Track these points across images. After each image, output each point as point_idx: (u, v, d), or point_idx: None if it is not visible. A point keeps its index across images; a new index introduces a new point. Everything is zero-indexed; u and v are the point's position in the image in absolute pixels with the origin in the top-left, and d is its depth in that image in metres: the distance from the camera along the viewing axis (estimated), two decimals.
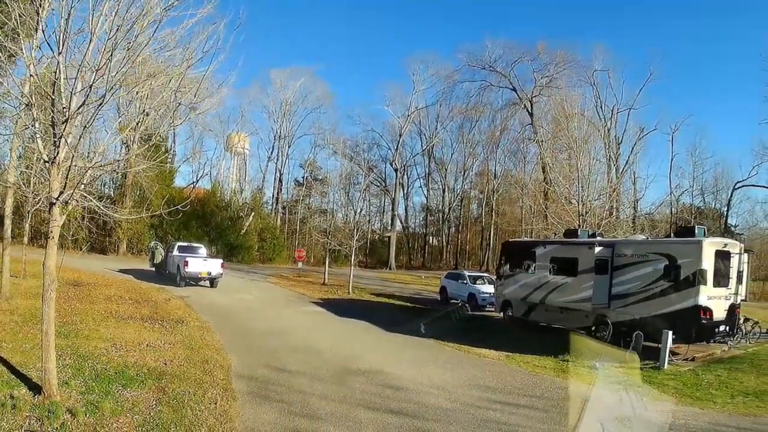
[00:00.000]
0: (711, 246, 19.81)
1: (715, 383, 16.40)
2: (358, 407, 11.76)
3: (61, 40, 9.59)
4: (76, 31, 10.01)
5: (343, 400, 12.15)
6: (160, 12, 10.15)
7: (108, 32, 9.76)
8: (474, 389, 14.35)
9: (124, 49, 9.95)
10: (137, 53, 10.05)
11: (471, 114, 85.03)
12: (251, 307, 28.00)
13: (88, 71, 9.70)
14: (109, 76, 9.78)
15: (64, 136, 9.60)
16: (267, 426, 10.28)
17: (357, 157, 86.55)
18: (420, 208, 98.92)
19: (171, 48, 11.16)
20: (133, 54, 9.98)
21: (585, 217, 35.79)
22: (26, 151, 20.89)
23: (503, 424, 11.40)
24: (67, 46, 9.77)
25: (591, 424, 8.06)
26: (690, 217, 69.38)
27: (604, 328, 21.94)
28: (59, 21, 9.63)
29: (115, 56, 9.71)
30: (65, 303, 19.27)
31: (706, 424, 12.26)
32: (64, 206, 10.15)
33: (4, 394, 10.07)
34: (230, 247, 63.67)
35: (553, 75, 74.76)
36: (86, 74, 9.71)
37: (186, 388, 11.79)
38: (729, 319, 20.35)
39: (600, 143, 55.98)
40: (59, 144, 9.67)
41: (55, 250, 10.45)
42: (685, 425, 11.94)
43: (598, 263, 22.12)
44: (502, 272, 28.36)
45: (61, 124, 9.61)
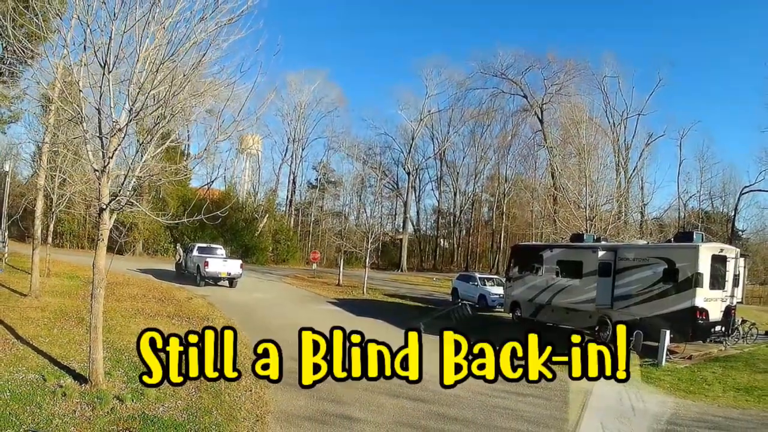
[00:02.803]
0: (707, 251, 20.64)
1: (710, 379, 17.30)
2: (379, 394, 12.67)
3: (110, 60, 10.48)
4: (126, 54, 10.98)
5: (366, 389, 12.91)
6: (202, 36, 11.19)
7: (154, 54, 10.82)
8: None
9: (167, 69, 10.97)
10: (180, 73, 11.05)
11: (483, 119, 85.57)
12: (271, 306, 28.90)
13: (134, 88, 10.70)
14: (155, 93, 10.85)
15: (112, 148, 10.63)
16: (299, 409, 11.35)
17: (370, 160, 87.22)
18: (431, 211, 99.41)
19: (209, 67, 12.25)
20: (176, 74, 10.99)
21: (592, 222, 36.35)
22: (55, 156, 21.89)
23: (509, 409, 12.44)
24: (116, 65, 10.73)
25: (592, 414, 9.07)
26: (698, 222, 69.69)
27: (607, 327, 22.66)
28: (108, 41, 10.54)
29: (158, 76, 10.75)
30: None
31: (695, 414, 13.17)
32: (113, 211, 11.20)
33: (52, 383, 11.03)
34: (245, 248, 64.28)
35: (563, 83, 75.36)
36: (133, 91, 10.72)
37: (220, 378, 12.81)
38: (725, 320, 21.21)
39: (609, 149, 56.61)
40: (108, 155, 10.68)
41: (104, 251, 11.47)
42: (675, 414, 12.87)
43: (602, 266, 22.84)
44: (511, 274, 29.20)
45: (111, 137, 10.64)
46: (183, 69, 11.12)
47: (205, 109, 14.54)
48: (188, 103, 12.23)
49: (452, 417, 11.70)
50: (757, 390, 16.12)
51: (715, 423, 12.68)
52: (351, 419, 11.15)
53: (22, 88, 25.35)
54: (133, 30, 10.55)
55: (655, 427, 11.96)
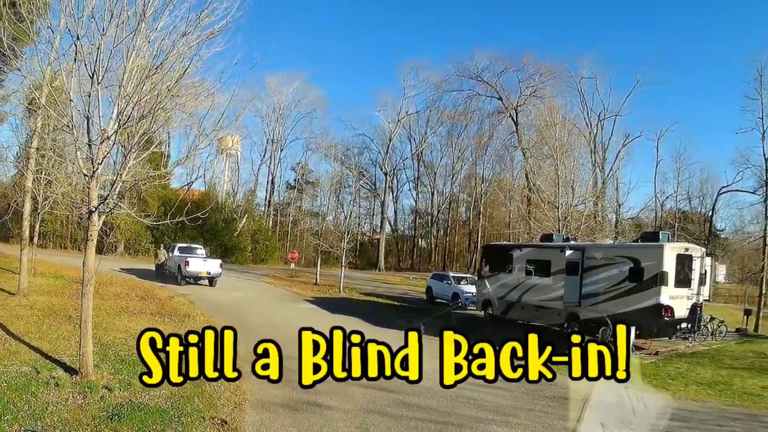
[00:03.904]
0: (672, 250, 21.42)
1: (673, 374, 17.92)
2: (351, 385, 13.29)
3: (99, 71, 11.24)
4: (114, 66, 11.75)
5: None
6: (185, 49, 12.00)
7: (140, 66, 11.60)
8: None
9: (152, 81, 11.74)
10: (164, 84, 11.86)
11: (460, 120, 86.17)
12: (250, 304, 29.62)
13: (122, 99, 11.47)
14: (142, 103, 11.62)
15: (101, 155, 11.40)
16: (274, 398, 12.16)
17: (348, 161, 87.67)
18: (409, 211, 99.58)
19: (190, 77, 13.04)
20: (162, 85, 11.79)
21: (565, 222, 37.02)
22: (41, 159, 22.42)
23: (473, 399, 13.17)
24: (106, 79, 11.50)
25: (554, 403, 9.81)
26: (674, 222, 70.42)
27: (575, 324, 23.36)
28: (97, 53, 11.31)
29: (145, 86, 11.53)
30: (78, 299, 20.66)
31: (653, 405, 13.68)
32: (101, 213, 11.95)
33: (45, 375, 11.75)
34: (224, 248, 64.59)
35: (537, 85, 76.20)
36: (121, 102, 11.49)
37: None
38: (691, 317, 21.83)
39: (585, 149, 57.44)
40: (97, 161, 11.44)
41: (93, 251, 12.24)
42: (635, 407, 13.57)
43: (569, 265, 23.64)
44: (483, 273, 30.00)
45: (99, 144, 11.40)
46: (168, 80, 11.90)
47: (186, 113, 15.22)
48: (172, 112, 13.00)
49: (417, 405, 12.49)
50: (719, 385, 16.77)
51: (673, 414, 13.01)
52: (322, 407, 11.92)
53: (7, 90, 25.86)
54: (121, 44, 11.34)
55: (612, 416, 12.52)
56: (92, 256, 12.15)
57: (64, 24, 12.35)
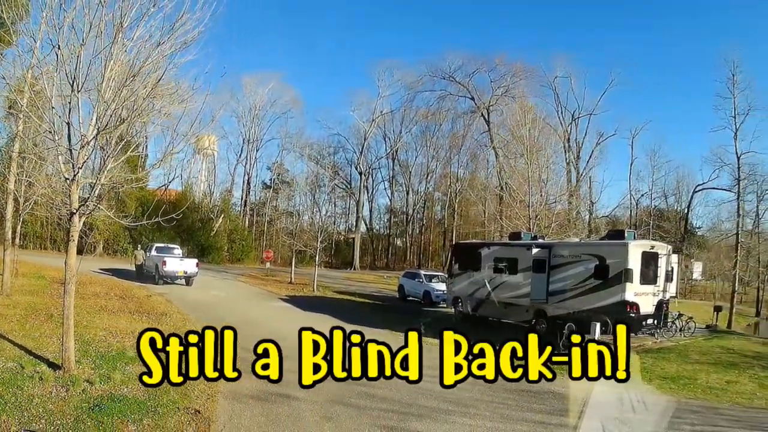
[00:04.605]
0: (637, 248, 21.85)
1: (638, 369, 17.70)
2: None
3: (79, 79, 11.78)
4: (92, 74, 12.28)
5: None
6: (159, 58, 12.61)
7: (118, 74, 12.17)
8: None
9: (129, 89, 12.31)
10: (141, 89, 12.45)
11: (434, 119, 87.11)
12: (225, 303, 30.23)
13: (101, 106, 12.03)
14: (120, 110, 12.19)
15: (81, 159, 11.96)
16: (245, 390, 12.74)
17: (323, 161, 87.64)
18: (385, 210, 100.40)
19: (165, 84, 13.64)
20: (138, 92, 12.38)
21: (536, 221, 37.41)
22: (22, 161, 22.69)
23: (435, 392, 13.52)
24: (85, 85, 12.03)
25: (521, 397, 10.20)
26: (649, 220, 71.25)
27: (543, 321, 23.93)
28: (77, 63, 11.85)
29: (122, 93, 12.10)
30: (59, 299, 20.89)
31: (612, 398, 13.64)
32: (82, 215, 12.52)
33: (29, 370, 12.25)
34: (201, 247, 64.83)
35: (509, 85, 77.14)
36: (100, 109, 12.06)
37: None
38: (657, 313, 22.33)
39: (559, 148, 58.07)
40: (78, 165, 11.99)
41: (75, 250, 12.79)
42: (595, 400, 14.08)
43: (536, 263, 24.12)
44: (453, 271, 30.54)
45: (80, 149, 11.95)
46: (144, 87, 12.48)
47: (162, 116, 15.71)
48: (148, 117, 13.58)
49: (381, 397, 13.13)
50: (683, 379, 17.15)
51: (631, 406, 13.11)
52: (290, 397, 12.47)
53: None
54: (100, 54, 11.92)
55: (570, 408, 12.95)
56: (73, 255, 12.68)
57: (46, 32, 12.80)
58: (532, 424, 12.00)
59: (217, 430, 10.43)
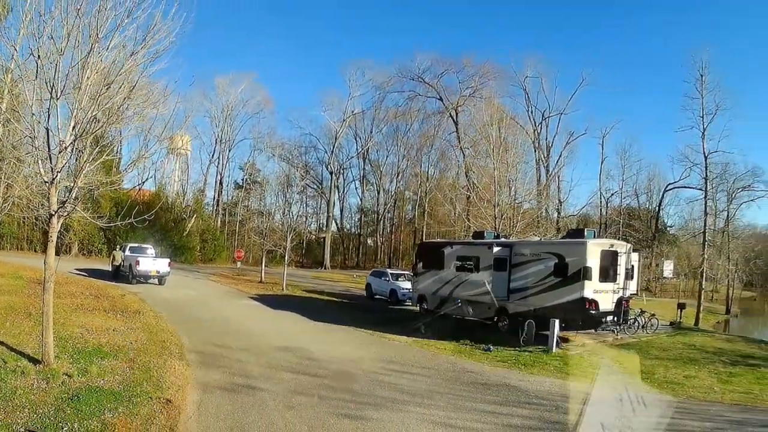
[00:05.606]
0: (596, 246, 22.26)
1: (596, 364, 18.41)
2: (283, 371, 15.20)
3: (57, 87, 12.41)
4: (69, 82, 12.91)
5: (271, 367, 15.57)
6: (135, 67, 13.31)
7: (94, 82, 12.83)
8: (377, 362, 17.51)
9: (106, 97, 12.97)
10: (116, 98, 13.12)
11: (404, 119, 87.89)
12: (196, 301, 30.93)
13: (78, 113, 12.68)
14: (96, 115, 12.85)
15: (60, 163, 12.60)
16: (213, 381, 13.64)
17: (294, 160, 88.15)
18: (356, 209, 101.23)
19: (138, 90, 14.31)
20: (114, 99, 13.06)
21: (502, 220, 37.80)
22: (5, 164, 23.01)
23: (392, 384, 14.77)
24: (63, 93, 12.65)
25: (474, 389, 10.76)
26: (619, 218, 72.19)
27: (504, 318, 24.63)
28: (55, 73, 12.47)
29: (98, 100, 12.76)
30: (36, 298, 21.71)
31: (571, 390, 14.63)
32: (60, 216, 13.16)
33: (11, 365, 12.87)
34: (174, 247, 64.81)
35: (477, 86, 77.86)
36: (78, 115, 12.71)
37: (150, 359, 14.88)
38: (617, 310, 22.71)
39: (528, 148, 58.58)
40: (57, 169, 12.63)
41: (53, 250, 13.39)
42: (548, 391, 14.70)
43: (497, 261, 24.69)
44: (417, 270, 31.14)
45: (58, 154, 12.60)
46: (119, 94, 13.14)
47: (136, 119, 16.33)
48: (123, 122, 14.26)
49: (341, 388, 13.93)
50: (641, 374, 17.24)
51: (584, 399, 13.14)
52: (255, 389, 13.32)
53: None
54: (77, 64, 12.57)
55: (522, 399, 13.82)
56: (52, 255, 13.28)
57: (26, 39, 13.35)
58: (482, 414, 12.53)
59: (186, 417, 11.05)
